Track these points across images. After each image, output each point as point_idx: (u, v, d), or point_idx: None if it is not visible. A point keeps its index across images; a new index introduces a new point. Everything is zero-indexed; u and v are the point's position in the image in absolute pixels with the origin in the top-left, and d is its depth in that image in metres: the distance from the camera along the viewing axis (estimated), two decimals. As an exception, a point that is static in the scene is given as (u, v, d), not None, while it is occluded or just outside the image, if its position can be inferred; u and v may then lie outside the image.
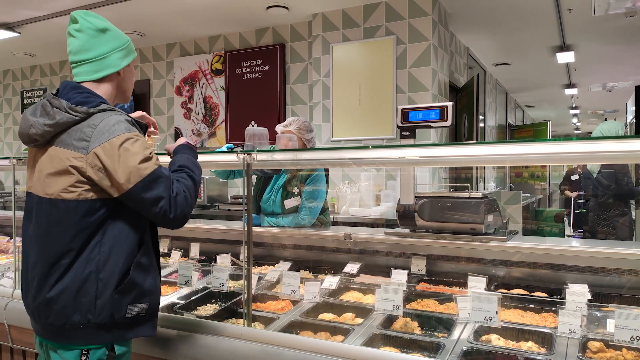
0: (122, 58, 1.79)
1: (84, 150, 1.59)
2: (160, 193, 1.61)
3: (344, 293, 2.42)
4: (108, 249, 1.62)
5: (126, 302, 1.65)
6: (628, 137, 1.62)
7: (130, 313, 1.66)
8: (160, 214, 1.62)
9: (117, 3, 5.31)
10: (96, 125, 1.60)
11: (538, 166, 9.72)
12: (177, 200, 1.64)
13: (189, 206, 1.69)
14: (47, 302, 1.60)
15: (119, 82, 1.81)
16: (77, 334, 1.61)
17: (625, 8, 5.32)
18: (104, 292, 1.60)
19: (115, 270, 1.63)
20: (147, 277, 1.71)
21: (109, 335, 1.65)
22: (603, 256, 2.19)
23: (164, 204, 1.61)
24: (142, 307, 1.70)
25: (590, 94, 11.46)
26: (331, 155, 2.27)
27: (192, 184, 1.75)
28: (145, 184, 1.59)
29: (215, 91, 6.66)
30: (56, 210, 1.61)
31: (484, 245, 2.37)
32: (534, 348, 1.77)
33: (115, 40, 1.78)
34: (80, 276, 1.59)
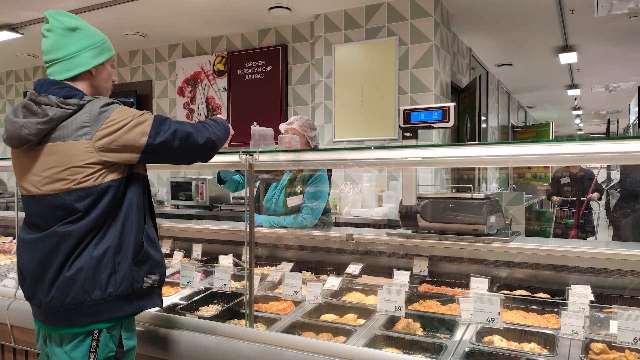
0: (93, 57, 1.78)
1: (88, 135, 1.63)
2: (172, 127, 1.73)
3: (346, 294, 2.42)
4: (122, 224, 1.70)
5: (143, 272, 1.74)
6: (631, 137, 1.61)
7: (147, 283, 1.75)
8: (188, 146, 1.77)
9: (119, 4, 5.32)
10: (90, 110, 1.65)
11: (540, 167, 9.70)
12: (196, 127, 1.80)
13: (213, 135, 1.85)
14: (68, 281, 1.63)
15: (92, 80, 1.80)
16: (99, 308, 1.65)
17: (628, 9, 5.31)
18: (122, 265, 1.68)
19: (130, 243, 1.71)
20: (155, 250, 1.81)
21: (129, 307, 1.72)
22: (606, 257, 2.18)
23: (182, 133, 1.74)
24: (155, 278, 1.79)
25: (593, 94, 11.44)
26: (333, 156, 2.27)
27: (212, 122, 1.92)
28: (155, 129, 1.69)
29: (217, 92, 6.67)
30: (71, 198, 1.64)
31: (486, 246, 2.36)
32: (537, 349, 1.76)
33: (86, 39, 1.77)
34: (99, 252, 1.65)
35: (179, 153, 1.77)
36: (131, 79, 7.46)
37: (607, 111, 14.93)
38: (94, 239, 1.66)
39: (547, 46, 7.23)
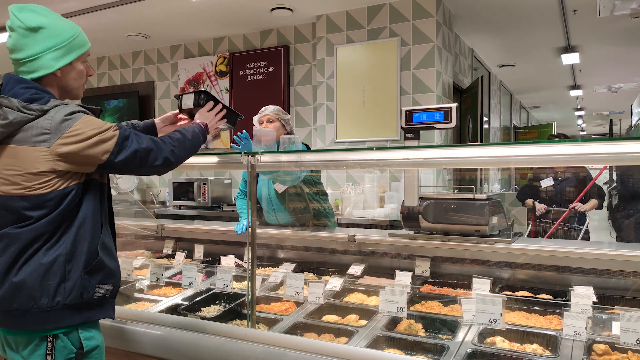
0: (57, 58, 1.69)
1: (46, 143, 1.58)
2: (135, 147, 1.69)
3: (347, 295, 2.42)
4: (75, 232, 1.64)
5: (95, 282, 1.68)
6: (634, 138, 1.61)
7: (98, 293, 1.69)
8: (146, 162, 1.73)
9: (121, 5, 5.32)
10: (52, 117, 1.60)
11: (543, 168, 9.68)
12: (158, 147, 1.76)
13: (172, 155, 1.81)
14: (15, 287, 1.59)
15: (59, 82, 1.73)
16: (46, 316, 1.60)
17: (630, 9, 5.30)
18: (73, 274, 1.63)
19: (83, 251, 1.65)
20: (111, 259, 1.75)
21: (78, 316, 1.66)
22: (608, 258, 2.18)
23: (142, 153, 1.71)
24: (108, 288, 1.73)
25: (596, 95, 11.42)
26: (335, 157, 2.28)
27: (180, 137, 1.87)
28: (118, 146, 1.66)
29: (219, 93, 6.67)
30: (24, 204, 1.60)
31: (488, 247, 2.36)
32: (539, 350, 1.76)
33: (49, 40, 1.67)
34: (49, 259, 1.60)
35: (135, 170, 1.75)
36: (133, 80, 7.47)
37: (610, 112, 14.91)
38: (44, 245, 1.61)
39: (549, 47, 7.22)
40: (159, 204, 6.83)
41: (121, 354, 2.16)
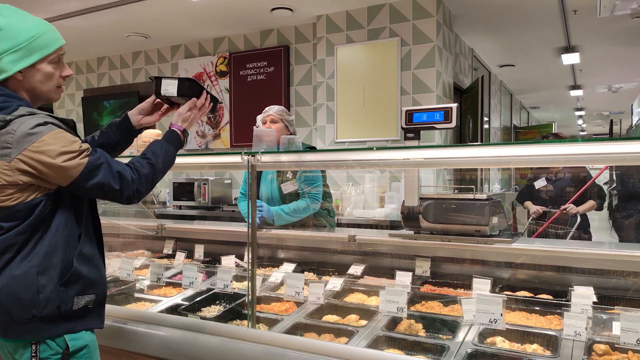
0: (15, 61, 1.58)
1: (7, 157, 1.51)
2: (100, 180, 1.60)
3: (348, 295, 2.42)
4: (48, 243, 1.58)
5: (72, 293, 1.62)
6: (634, 138, 1.61)
7: (77, 305, 1.63)
8: (109, 197, 1.66)
9: (121, 5, 5.33)
10: (15, 130, 1.51)
11: (543, 168, 9.67)
12: (124, 181, 1.65)
13: (142, 187, 1.71)
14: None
15: (24, 86, 1.63)
16: (23, 329, 1.57)
17: (630, 9, 5.30)
18: (47, 287, 1.57)
19: (57, 262, 1.59)
20: (91, 268, 1.69)
21: (57, 329, 1.61)
22: (609, 258, 2.18)
23: (108, 187, 1.62)
24: (89, 298, 1.68)
25: (596, 95, 11.42)
26: (335, 157, 2.28)
27: (148, 170, 1.73)
28: (83, 176, 1.57)
29: (219, 93, 6.67)
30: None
31: (488, 247, 2.36)
32: (539, 350, 1.76)
33: (5, 42, 1.56)
34: (20, 272, 1.55)
35: (100, 198, 1.70)
36: (134, 80, 7.47)
37: (610, 112, 14.91)
38: (16, 256, 1.56)
39: (549, 47, 7.22)
40: (159, 204, 6.83)
41: (122, 354, 2.16)
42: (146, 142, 3.05)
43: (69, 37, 6.46)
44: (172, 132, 1.89)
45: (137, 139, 3.11)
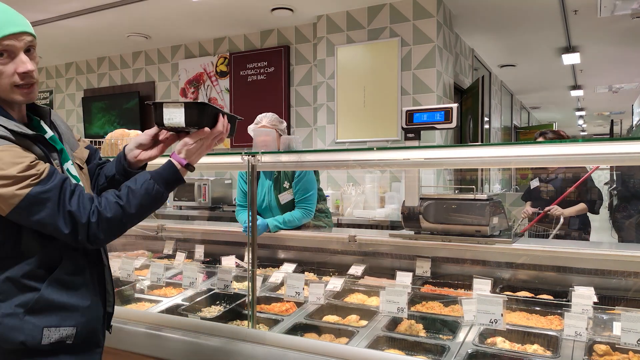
0: None
1: None
2: (43, 218, 1.31)
3: (348, 295, 2.42)
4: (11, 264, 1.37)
5: (41, 324, 1.36)
6: (635, 138, 1.61)
7: (48, 339, 1.37)
8: (59, 238, 1.36)
9: (122, 5, 5.33)
10: None
11: (543, 168, 9.67)
12: (75, 225, 1.34)
13: (97, 231, 1.36)
14: None
15: None
16: None
17: (631, 9, 5.29)
18: (6, 315, 1.35)
19: (18, 287, 1.37)
20: (70, 295, 1.42)
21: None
22: (609, 258, 2.17)
23: (52, 227, 1.32)
24: (66, 332, 1.40)
25: (596, 95, 11.41)
26: (336, 157, 2.27)
27: (113, 214, 1.38)
28: (22, 209, 1.30)
29: (220, 93, 6.67)
30: None
31: (489, 247, 2.36)
32: (540, 351, 1.76)
33: None
34: None
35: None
36: (134, 80, 7.47)
37: (611, 112, 14.90)
38: None
39: (550, 47, 7.22)
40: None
41: (121, 354, 2.16)
42: (146, 143, 3.04)
43: (69, 37, 6.51)
44: (169, 166, 1.51)
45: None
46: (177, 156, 1.53)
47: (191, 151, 1.54)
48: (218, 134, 1.57)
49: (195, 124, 1.52)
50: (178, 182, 1.52)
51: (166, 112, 1.53)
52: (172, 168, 1.50)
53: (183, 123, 1.52)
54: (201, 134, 1.54)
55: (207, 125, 1.53)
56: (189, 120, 1.51)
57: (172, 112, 1.52)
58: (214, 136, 1.57)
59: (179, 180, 1.52)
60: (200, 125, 1.52)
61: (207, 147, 1.56)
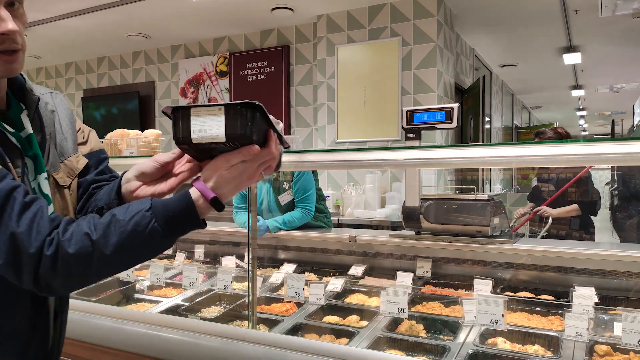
0: None
1: None
2: None
3: (348, 295, 2.41)
4: None
5: None
6: (636, 138, 1.60)
7: None
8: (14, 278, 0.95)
9: (122, 5, 5.33)
10: None
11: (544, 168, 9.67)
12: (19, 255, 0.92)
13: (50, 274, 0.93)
14: None
15: None
16: None
17: (632, 9, 5.29)
18: None
19: None
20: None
21: None
22: (610, 259, 2.17)
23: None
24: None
25: (597, 95, 11.41)
26: (336, 157, 2.26)
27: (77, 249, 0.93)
28: None
29: (220, 93, 6.67)
30: None
31: (490, 247, 2.35)
32: (541, 351, 1.75)
33: None
34: None
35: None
36: (134, 80, 7.47)
37: (612, 112, 14.89)
38: None
39: (551, 47, 7.21)
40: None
41: (121, 354, 2.16)
42: (146, 142, 3.03)
43: (69, 37, 6.50)
44: (183, 197, 1.01)
45: (138, 139, 3.11)
46: (202, 184, 1.01)
47: (225, 178, 1.01)
48: (270, 157, 1.04)
49: (239, 138, 1.00)
50: (192, 223, 1.01)
51: (196, 122, 1.01)
52: (187, 200, 1.00)
53: (223, 136, 0.99)
54: (247, 154, 1.00)
55: (257, 141, 1.01)
56: (232, 131, 0.99)
57: (206, 121, 1.00)
58: (263, 160, 1.03)
59: (194, 220, 1.00)
60: (245, 141, 1.00)
61: (249, 176, 1.03)
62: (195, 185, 1.03)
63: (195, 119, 1.02)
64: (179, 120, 1.04)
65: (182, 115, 1.04)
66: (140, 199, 1.04)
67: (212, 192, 1.01)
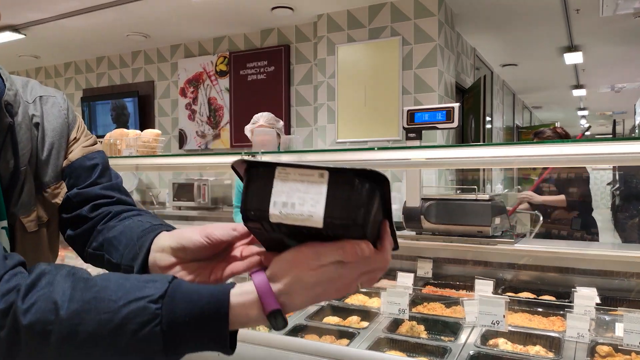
0: None
1: None
2: None
3: (349, 296, 2.40)
4: None
5: None
6: (637, 138, 1.59)
7: None
8: None
9: (121, 4, 5.32)
10: None
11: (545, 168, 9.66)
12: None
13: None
14: None
15: None
16: None
17: (633, 8, 5.27)
18: None
19: None
20: None
21: None
22: (612, 259, 2.16)
23: None
24: None
25: (599, 95, 11.40)
26: (336, 157, 2.26)
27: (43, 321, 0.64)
28: None
29: (219, 92, 6.66)
30: None
31: (491, 248, 2.34)
32: (542, 352, 1.74)
33: None
34: None
35: None
36: (133, 80, 7.46)
37: (613, 112, 14.87)
38: None
39: (552, 46, 7.20)
40: (158, 204, 6.82)
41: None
42: (145, 142, 3.02)
43: (68, 36, 6.49)
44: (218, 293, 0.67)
45: (137, 139, 3.10)
46: (265, 282, 0.68)
47: (305, 283, 0.67)
48: (382, 265, 0.70)
49: (344, 226, 0.65)
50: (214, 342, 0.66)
51: (281, 189, 0.67)
52: (218, 302, 0.66)
53: (320, 218, 0.64)
54: (351, 254, 0.66)
55: (368, 235, 0.66)
56: (337, 213, 0.64)
57: (297, 190, 0.66)
58: (371, 268, 0.69)
59: (219, 339, 0.66)
60: (352, 232, 0.65)
61: (340, 287, 0.68)
62: (255, 281, 0.68)
63: (281, 184, 0.67)
64: (254, 182, 0.70)
65: (260, 175, 0.69)
66: (157, 278, 0.69)
67: (275, 299, 0.66)
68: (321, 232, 0.65)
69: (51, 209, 0.98)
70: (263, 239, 0.76)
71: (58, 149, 1.00)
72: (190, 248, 0.82)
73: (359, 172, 0.66)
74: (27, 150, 0.93)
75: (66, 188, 0.99)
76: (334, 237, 0.66)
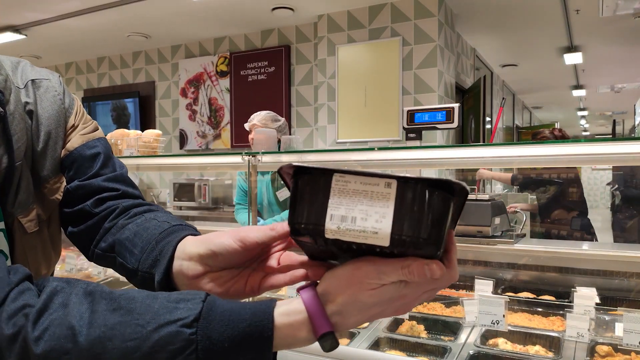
0: None
1: None
2: None
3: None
4: None
5: None
6: (637, 138, 1.60)
7: None
8: None
9: (122, 5, 5.32)
10: None
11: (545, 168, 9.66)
12: None
13: None
14: None
15: None
16: None
17: (633, 9, 5.28)
18: None
19: None
20: None
21: None
22: (611, 259, 2.16)
23: None
24: None
25: (599, 95, 11.40)
26: (337, 157, 2.26)
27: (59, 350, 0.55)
28: None
29: (220, 93, 6.66)
30: None
31: (491, 248, 2.34)
32: (542, 352, 1.75)
33: None
34: None
35: None
36: (134, 80, 7.47)
37: (613, 112, 14.87)
38: None
39: (552, 46, 7.20)
40: (159, 204, 6.83)
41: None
42: (146, 142, 3.03)
43: (69, 37, 6.49)
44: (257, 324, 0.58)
45: (138, 139, 3.11)
46: (315, 300, 0.60)
47: (363, 304, 0.60)
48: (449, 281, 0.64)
49: (413, 244, 0.57)
50: None
51: (339, 201, 0.58)
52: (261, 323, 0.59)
53: (386, 234, 0.56)
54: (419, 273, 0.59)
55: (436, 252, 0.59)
56: (406, 231, 0.56)
57: (359, 202, 0.57)
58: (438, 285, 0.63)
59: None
60: (420, 250, 0.58)
61: (400, 308, 0.63)
62: (304, 299, 0.61)
63: (339, 194, 0.58)
64: (306, 191, 0.60)
65: (313, 182, 0.59)
66: (189, 296, 0.60)
67: (328, 320, 0.59)
68: (384, 250, 0.57)
69: (51, 205, 0.89)
70: (310, 250, 0.67)
71: (55, 139, 0.89)
72: (222, 254, 0.71)
73: (432, 182, 0.56)
74: (22, 143, 0.83)
75: (66, 182, 0.91)
76: (398, 254, 0.58)
